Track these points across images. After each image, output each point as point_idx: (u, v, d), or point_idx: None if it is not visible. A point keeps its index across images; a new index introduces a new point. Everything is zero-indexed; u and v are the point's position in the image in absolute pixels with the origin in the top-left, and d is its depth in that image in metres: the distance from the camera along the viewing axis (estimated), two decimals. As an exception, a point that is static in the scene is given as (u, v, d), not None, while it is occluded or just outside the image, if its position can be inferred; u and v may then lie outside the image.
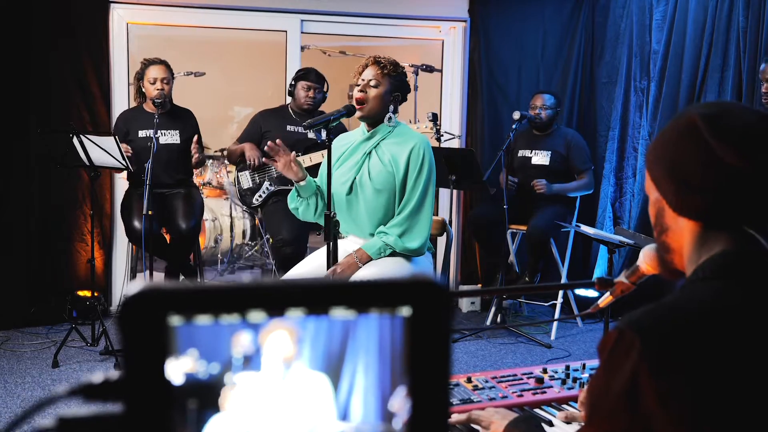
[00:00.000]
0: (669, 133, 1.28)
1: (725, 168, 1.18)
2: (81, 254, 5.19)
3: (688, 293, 1.21)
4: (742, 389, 1.10)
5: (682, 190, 1.23)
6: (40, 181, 5.02)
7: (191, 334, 0.58)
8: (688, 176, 1.22)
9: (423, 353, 0.60)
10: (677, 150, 1.24)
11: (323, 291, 0.59)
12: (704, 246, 1.24)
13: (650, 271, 1.58)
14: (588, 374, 2.05)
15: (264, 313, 0.58)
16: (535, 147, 5.33)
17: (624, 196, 5.60)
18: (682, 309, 1.16)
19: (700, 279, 1.21)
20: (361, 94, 3.07)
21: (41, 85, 4.98)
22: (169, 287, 0.58)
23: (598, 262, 5.72)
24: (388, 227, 3.08)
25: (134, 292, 0.57)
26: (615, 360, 1.15)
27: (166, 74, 4.65)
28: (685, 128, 1.23)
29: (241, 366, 0.61)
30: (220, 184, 6.70)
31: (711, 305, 1.16)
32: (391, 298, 0.60)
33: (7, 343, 4.67)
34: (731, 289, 1.17)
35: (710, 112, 1.22)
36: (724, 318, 1.14)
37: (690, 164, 1.22)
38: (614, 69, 5.65)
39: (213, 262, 6.51)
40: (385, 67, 3.09)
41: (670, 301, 1.20)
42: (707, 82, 4.91)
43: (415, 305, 0.59)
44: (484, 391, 1.92)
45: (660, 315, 1.16)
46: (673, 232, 1.28)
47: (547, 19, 5.82)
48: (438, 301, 0.59)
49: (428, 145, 3.14)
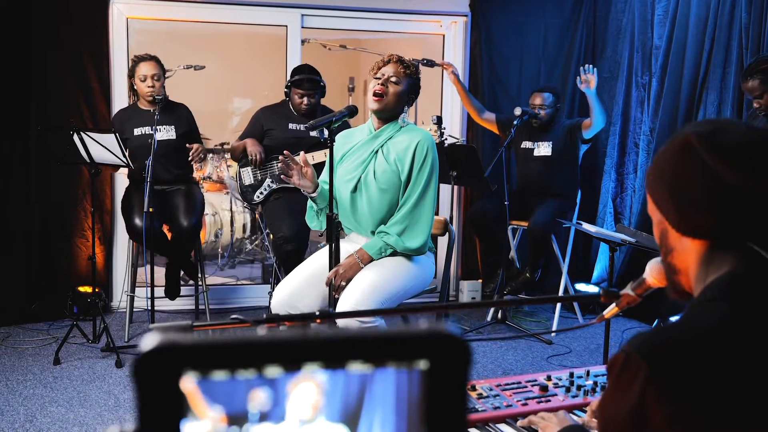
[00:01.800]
0: (666, 154, 1.27)
1: (724, 186, 1.17)
2: (82, 250, 5.18)
3: (695, 315, 1.20)
4: (749, 413, 1.10)
5: (684, 210, 1.23)
6: (41, 178, 5.01)
7: (207, 390, 0.58)
8: (688, 196, 1.21)
9: (440, 406, 0.59)
10: (675, 170, 1.24)
11: (340, 345, 0.59)
12: (711, 265, 1.24)
13: (656, 284, 1.59)
14: (592, 381, 2.05)
15: (281, 368, 0.58)
16: (537, 139, 5.31)
17: (625, 192, 5.60)
18: (689, 333, 1.16)
19: (708, 300, 1.21)
20: (381, 87, 3.07)
21: (41, 80, 4.96)
22: (185, 342, 0.57)
23: (598, 258, 5.73)
24: (389, 226, 3.08)
25: (149, 348, 0.56)
26: (622, 383, 1.15)
27: (157, 70, 4.59)
28: (682, 148, 1.23)
29: (257, 421, 0.60)
30: (221, 179, 6.69)
31: (718, 329, 1.15)
32: (409, 351, 0.59)
33: (8, 339, 4.67)
34: (739, 312, 1.17)
35: (705, 130, 1.22)
36: (732, 342, 1.14)
37: (689, 184, 1.21)
38: (615, 64, 5.63)
39: (213, 256, 6.51)
40: (408, 66, 3.13)
41: (678, 324, 1.20)
42: (709, 79, 4.89)
43: (433, 359, 0.59)
44: (489, 400, 1.92)
45: (667, 339, 1.16)
46: (679, 252, 1.28)
47: (548, 13, 5.80)
48: (456, 355, 0.59)
49: (432, 143, 3.14)
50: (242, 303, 5.66)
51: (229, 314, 5.41)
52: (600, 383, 2.03)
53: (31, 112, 4.93)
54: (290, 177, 3.07)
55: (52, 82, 4.99)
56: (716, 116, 4.83)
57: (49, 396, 3.80)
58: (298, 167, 3.07)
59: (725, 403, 1.10)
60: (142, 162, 4.28)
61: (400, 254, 3.11)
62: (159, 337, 0.57)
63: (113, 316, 5.20)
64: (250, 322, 1.63)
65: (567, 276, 5.24)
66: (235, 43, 7.29)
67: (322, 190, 3.12)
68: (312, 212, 3.24)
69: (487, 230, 5.28)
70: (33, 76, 4.93)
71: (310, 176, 3.09)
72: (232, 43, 7.29)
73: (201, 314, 5.19)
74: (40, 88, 4.96)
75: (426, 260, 3.19)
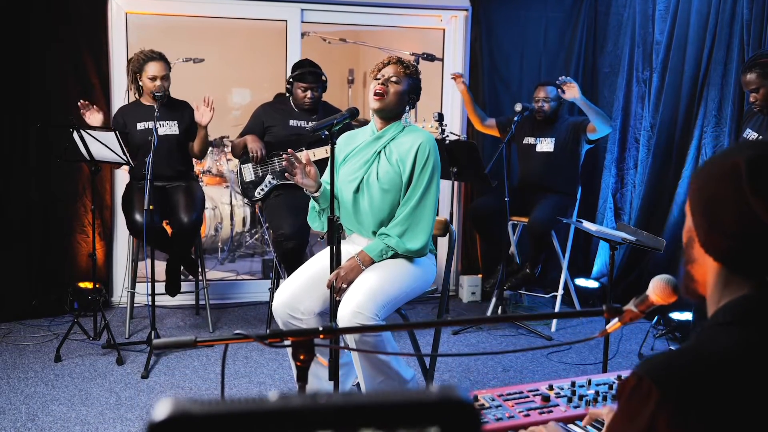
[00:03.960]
0: (714, 167, 1.26)
1: (758, 222, 1.17)
2: (82, 246, 5.19)
3: (707, 339, 1.20)
4: None
5: (713, 230, 1.23)
6: (41, 174, 5.00)
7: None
8: (721, 218, 1.22)
9: (451, 472, 0.60)
10: (716, 189, 1.23)
11: (352, 411, 0.59)
12: (726, 288, 1.24)
13: (659, 301, 1.59)
14: (593, 391, 2.06)
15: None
16: (540, 134, 5.30)
17: (625, 187, 5.60)
18: (701, 357, 1.16)
19: (720, 323, 1.21)
20: (381, 86, 3.08)
21: (40, 75, 4.94)
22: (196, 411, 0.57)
23: (599, 253, 5.73)
24: (390, 227, 3.08)
25: (161, 418, 0.57)
26: (633, 407, 1.15)
27: (165, 71, 4.60)
28: (729, 170, 1.22)
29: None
30: (220, 172, 6.69)
31: (730, 354, 1.15)
32: (420, 418, 0.59)
33: (9, 336, 4.68)
34: (751, 337, 1.17)
35: (758, 158, 1.20)
36: (743, 367, 1.14)
37: (725, 208, 1.21)
38: (616, 59, 5.62)
39: (213, 250, 6.51)
40: (408, 67, 3.14)
41: (690, 348, 1.20)
42: (710, 75, 4.88)
43: (444, 426, 0.59)
44: (491, 411, 1.93)
45: (678, 364, 1.16)
46: (700, 265, 1.29)
47: (549, 8, 5.78)
48: (466, 422, 0.59)
49: (434, 144, 3.14)
50: (242, 298, 5.67)
51: (229, 310, 5.43)
52: (602, 393, 2.04)
53: (31, 107, 4.92)
54: (294, 175, 3.07)
55: (52, 78, 4.97)
56: (717, 113, 4.82)
57: (50, 394, 3.81)
58: (301, 166, 3.06)
59: (736, 430, 1.10)
60: (143, 158, 4.29)
61: (401, 256, 3.11)
62: (171, 407, 0.57)
63: (114, 311, 5.22)
64: (253, 338, 1.63)
65: (567, 272, 5.25)
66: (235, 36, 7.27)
67: (325, 190, 3.12)
68: (314, 213, 3.24)
69: (488, 226, 5.29)
70: (33, 72, 4.92)
71: (313, 175, 3.09)
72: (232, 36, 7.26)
73: (201, 309, 5.20)
74: (40, 84, 4.95)
75: (427, 262, 3.19)
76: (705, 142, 4.89)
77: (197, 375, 4.10)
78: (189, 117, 4.77)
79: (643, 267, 5.34)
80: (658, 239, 3.67)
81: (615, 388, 2.09)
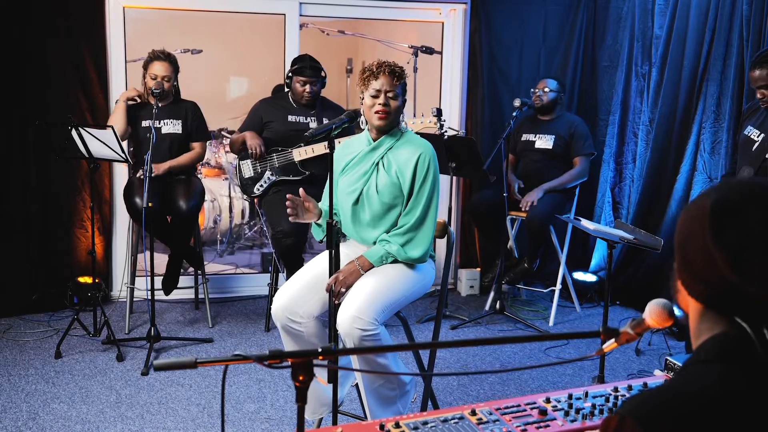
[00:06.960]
0: (692, 206, 1.26)
1: (719, 272, 1.18)
2: (81, 241, 5.19)
3: (690, 377, 1.21)
4: None
5: (687, 270, 1.24)
6: (39, 168, 5.00)
7: None
8: (691, 260, 1.23)
9: None
10: (689, 232, 1.24)
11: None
12: (703, 323, 1.25)
13: (655, 325, 1.60)
14: (590, 404, 2.08)
15: None
16: (539, 131, 5.31)
17: (624, 182, 5.60)
18: (685, 397, 1.16)
19: (701, 361, 1.22)
20: (383, 107, 3.05)
21: (38, 70, 4.93)
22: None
23: (596, 247, 5.75)
24: (391, 236, 3.08)
25: None
26: None
27: (168, 72, 4.62)
28: (700, 213, 1.22)
29: None
30: (219, 164, 6.69)
31: (712, 392, 1.15)
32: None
33: (9, 331, 4.70)
34: (733, 375, 1.17)
35: (721, 203, 1.20)
36: (727, 407, 1.14)
37: (693, 250, 1.22)
38: (615, 53, 5.61)
39: (212, 242, 6.52)
40: (399, 76, 3.07)
41: (673, 386, 1.20)
42: (709, 70, 4.87)
43: None
44: (488, 425, 1.95)
45: (661, 403, 1.16)
46: (683, 296, 1.30)
47: (548, 1, 5.76)
48: None
49: (433, 154, 3.13)
50: (242, 292, 5.68)
51: (228, 304, 5.44)
52: (598, 406, 2.06)
53: (29, 101, 4.91)
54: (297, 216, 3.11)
55: (50, 72, 4.96)
56: (716, 108, 4.82)
57: (51, 392, 3.83)
58: (301, 206, 3.11)
59: None
60: (144, 155, 4.30)
61: (400, 261, 3.11)
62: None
63: (113, 306, 5.23)
64: (252, 359, 1.64)
65: (565, 266, 5.27)
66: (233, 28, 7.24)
67: (325, 213, 3.16)
68: (317, 227, 3.26)
69: (486, 221, 5.30)
70: (30, 65, 4.90)
71: (313, 208, 3.13)
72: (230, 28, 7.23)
73: (201, 304, 5.22)
74: (38, 79, 4.93)
75: (427, 266, 3.19)
76: (704, 137, 4.89)
77: (197, 372, 4.12)
78: (195, 117, 4.80)
79: (640, 261, 5.36)
80: (656, 238, 3.68)
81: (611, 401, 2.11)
